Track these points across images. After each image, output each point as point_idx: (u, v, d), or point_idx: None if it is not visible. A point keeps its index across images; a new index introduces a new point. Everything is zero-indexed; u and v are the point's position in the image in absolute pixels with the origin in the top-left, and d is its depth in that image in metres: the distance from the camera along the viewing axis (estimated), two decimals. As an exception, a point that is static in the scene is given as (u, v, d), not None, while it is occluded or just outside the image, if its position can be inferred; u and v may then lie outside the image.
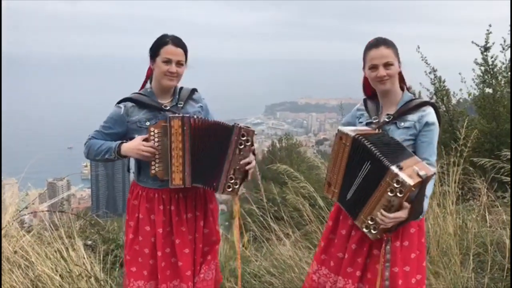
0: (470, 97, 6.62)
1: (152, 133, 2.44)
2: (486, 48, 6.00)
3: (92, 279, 3.14)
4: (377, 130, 2.41)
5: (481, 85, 6.20)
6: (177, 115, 2.47)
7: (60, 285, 3.09)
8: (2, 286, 3.07)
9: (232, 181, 2.47)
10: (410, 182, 2.07)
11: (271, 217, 3.91)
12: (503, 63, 6.18)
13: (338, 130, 2.32)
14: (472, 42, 6.08)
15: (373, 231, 2.24)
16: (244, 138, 2.43)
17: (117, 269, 3.70)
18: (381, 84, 2.38)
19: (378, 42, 2.37)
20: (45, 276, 3.06)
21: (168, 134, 2.42)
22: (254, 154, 2.54)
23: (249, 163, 2.48)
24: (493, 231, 3.79)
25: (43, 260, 3.18)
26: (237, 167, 2.45)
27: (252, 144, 2.47)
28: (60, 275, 3.15)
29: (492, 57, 6.07)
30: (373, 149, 2.18)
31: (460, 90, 6.42)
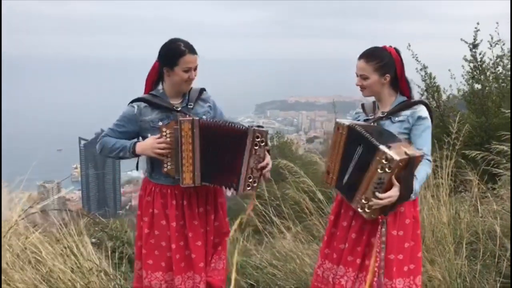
0: (460, 93, 6.82)
1: (164, 133, 2.55)
2: (474, 45, 6.20)
3: (102, 274, 3.25)
4: (372, 123, 2.57)
5: (470, 80, 6.39)
6: (187, 118, 2.57)
7: (72, 279, 3.20)
8: (14, 283, 3.16)
9: (251, 180, 2.58)
10: (397, 157, 2.23)
11: (272, 212, 4.04)
12: (490, 59, 6.40)
13: (336, 121, 2.50)
14: (461, 39, 6.28)
15: (367, 210, 2.36)
16: (259, 139, 2.55)
17: (123, 264, 3.82)
18: (360, 91, 2.60)
19: (362, 55, 2.56)
20: (57, 271, 3.16)
21: (178, 135, 2.52)
22: (269, 153, 2.66)
23: (266, 164, 2.60)
24: (484, 221, 3.95)
25: (54, 256, 3.28)
26: (254, 167, 2.57)
27: (266, 144, 2.59)
28: (71, 270, 3.25)
29: (480, 54, 6.27)
30: (365, 133, 2.35)
31: (450, 86, 6.62)
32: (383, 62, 2.52)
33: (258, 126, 2.58)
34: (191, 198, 2.72)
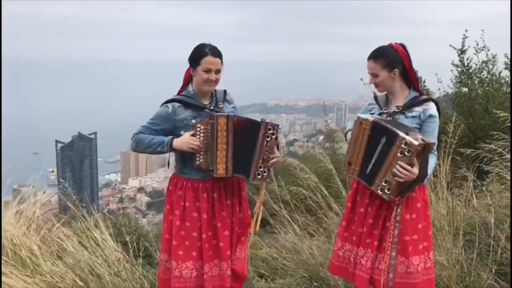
0: (444, 96, 7.20)
1: (198, 129, 2.77)
2: (462, 51, 6.59)
3: (128, 264, 3.42)
4: (388, 118, 2.81)
5: (458, 84, 6.77)
6: (224, 113, 2.82)
7: (96, 268, 3.36)
8: (43, 274, 3.30)
9: (261, 169, 2.81)
10: (416, 142, 2.51)
11: (281, 206, 4.27)
12: (476, 65, 6.80)
13: (358, 117, 2.73)
14: (450, 45, 6.66)
15: (387, 192, 2.62)
16: (270, 132, 2.78)
17: (141, 256, 3.97)
18: (375, 87, 2.86)
19: (370, 55, 2.81)
20: (84, 261, 3.32)
21: (214, 129, 2.74)
22: (278, 147, 2.88)
23: (275, 156, 2.83)
24: (478, 214, 4.26)
25: (80, 249, 3.44)
26: (265, 157, 2.80)
27: (276, 138, 2.82)
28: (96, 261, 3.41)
29: (467, 59, 6.66)
30: (389, 126, 2.60)
31: (439, 89, 6.99)
32: (390, 59, 2.76)
33: (271, 121, 2.81)
34: (220, 191, 2.94)
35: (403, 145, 2.52)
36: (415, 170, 2.57)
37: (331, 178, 4.74)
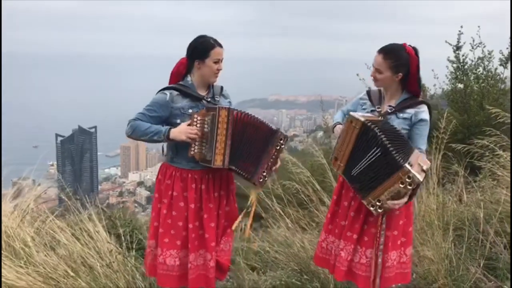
0: (442, 92, 7.23)
1: (195, 119, 2.81)
2: (458, 47, 6.61)
3: (120, 256, 3.46)
4: (380, 117, 2.81)
5: (453, 80, 6.79)
6: (224, 106, 2.87)
7: (87, 259, 3.40)
8: (35, 266, 3.34)
9: (265, 173, 2.90)
10: (420, 178, 2.51)
11: (274, 200, 4.31)
12: (472, 61, 6.82)
13: (349, 114, 2.71)
14: (446, 41, 6.67)
15: (378, 210, 2.65)
16: (282, 142, 2.88)
17: (134, 248, 4.01)
18: (373, 81, 2.85)
19: (381, 49, 2.78)
20: (78, 252, 3.36)
21: (215, 120, 2.78)
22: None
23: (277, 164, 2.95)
24: (468, 209, 4.30)
25: (73, 240, 3.48)
26: (270, 164, 2.89)
27: (282, 148, 2.93)
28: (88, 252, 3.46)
29: (463, 55, 6.68)
30: (384, 138, 2.54)
31: (434, 85, 7.01)
32: (399, 62, 2.72)
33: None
34: (208, 183, 2.98)
35: (406, 178, 2.51)
36: (405, 199, 2.61)
37: (325, 173, 4.77)
